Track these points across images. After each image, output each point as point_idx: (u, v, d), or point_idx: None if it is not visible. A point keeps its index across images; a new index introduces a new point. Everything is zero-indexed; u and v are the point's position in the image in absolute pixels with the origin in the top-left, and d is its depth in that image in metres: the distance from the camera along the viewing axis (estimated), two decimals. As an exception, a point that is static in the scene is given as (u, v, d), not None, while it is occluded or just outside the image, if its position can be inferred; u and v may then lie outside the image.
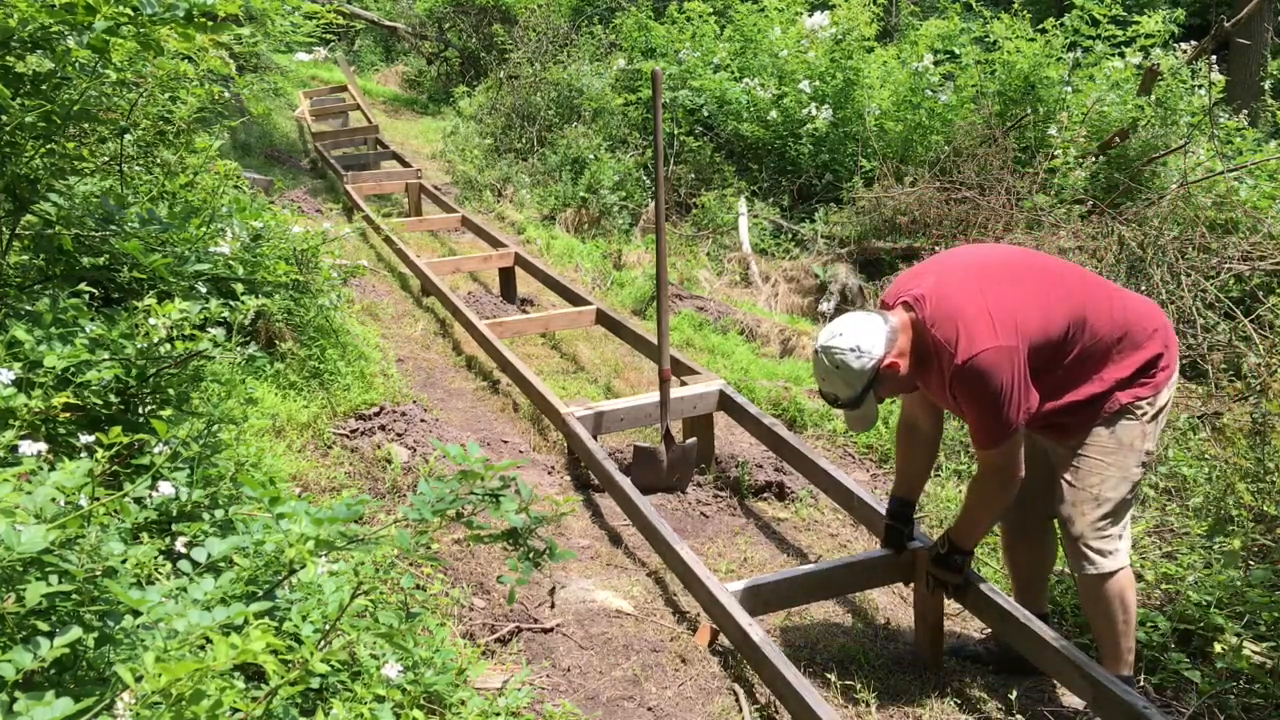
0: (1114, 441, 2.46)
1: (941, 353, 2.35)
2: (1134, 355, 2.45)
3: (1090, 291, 2.46)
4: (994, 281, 2.40)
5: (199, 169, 3.68)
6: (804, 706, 2.31)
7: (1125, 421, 2.46)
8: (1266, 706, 2.55)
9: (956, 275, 2.45)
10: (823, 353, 2.41)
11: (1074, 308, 2.39)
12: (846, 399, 2.41)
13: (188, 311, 1.93)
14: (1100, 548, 2.47)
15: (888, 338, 2.36)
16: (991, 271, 2.44)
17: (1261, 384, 3.82)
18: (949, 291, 2.39)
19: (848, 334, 2.37)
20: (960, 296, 2.36)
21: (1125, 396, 2.45)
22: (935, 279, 2.45)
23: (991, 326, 2.29)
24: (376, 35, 16.21)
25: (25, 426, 1.61)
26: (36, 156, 2.26)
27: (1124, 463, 2.46)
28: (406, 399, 4.25)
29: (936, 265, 2.55)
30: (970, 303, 2.34)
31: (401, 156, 9.56)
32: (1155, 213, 5.32)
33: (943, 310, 2.35)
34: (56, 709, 1.10)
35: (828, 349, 2.39)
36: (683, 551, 2.94)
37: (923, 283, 2.44)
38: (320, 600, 1.64)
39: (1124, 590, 2.50)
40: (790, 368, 5.34)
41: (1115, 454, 2.46)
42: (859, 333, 2.37)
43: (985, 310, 2.32)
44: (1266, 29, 10.50)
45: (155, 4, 1.88)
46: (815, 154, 8.22)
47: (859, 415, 2.46)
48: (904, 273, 2.68)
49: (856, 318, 2.42)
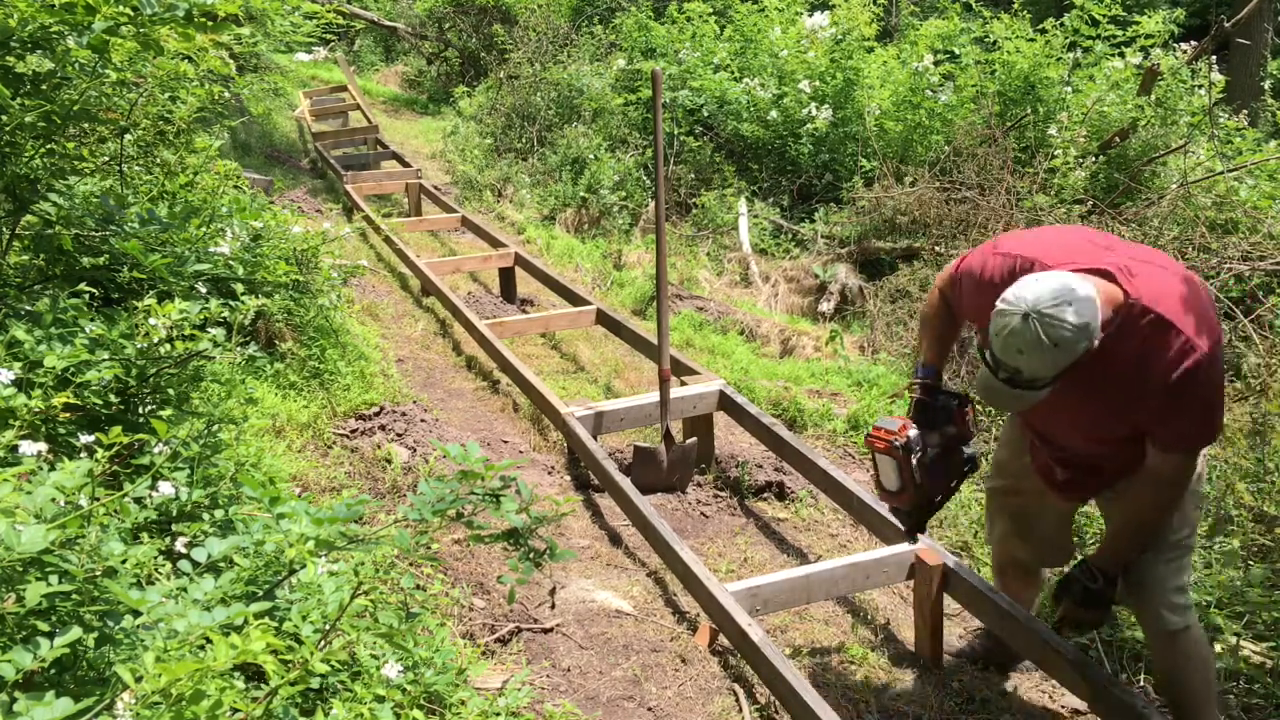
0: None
1: (1161, 339, 1.94)
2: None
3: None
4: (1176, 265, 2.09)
5: (199, 169, 3.68)
6: (804, 706, 2.31)
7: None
8: (1266, 706, 2.56)
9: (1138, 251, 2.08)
10: (1039, 320, 1.85)
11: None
12: (1034, 380, 1.93)
13: (188, 311, 1.93)
14: (1174, 601, 2.23)
15: (1101, 315, 1.90)
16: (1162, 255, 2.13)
17: (1261, 384, 3.82)
18: (1149, 269, 2.00)
19: (1078, 306, 1.85)
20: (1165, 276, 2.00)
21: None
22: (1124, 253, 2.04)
23: (1211, 311, 1.99)
24: (376, 35, 16.20)
25: (25, 426, 1.61)
26: (36, 156, 2.26)
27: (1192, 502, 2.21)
28: (406, 399, 4.25)
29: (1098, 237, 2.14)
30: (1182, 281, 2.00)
31: (401, 156, 9.56)
32: (1155, 213, 5.32)
33: (1164, 290, 1.95)
34: (56, 709, 1.10)
35: (1050, 320, 1.84)
36: (683, 551, 2.94)
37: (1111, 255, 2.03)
38: (320, 600, 1.64)
39: (1200, 644, 2.26)
40: (790, 368, 5.34)
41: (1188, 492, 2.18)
42: (1088, 307, 1.86)
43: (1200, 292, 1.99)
44: (1266, 29, 10.50)
45: (155, 4, 1.88)
46: (815, 154, 8.22)
47: (1025, 397, 1.98)
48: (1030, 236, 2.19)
49: (1079, 284, 1.88)
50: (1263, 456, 3.30)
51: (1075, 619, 2.31)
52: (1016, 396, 1.98)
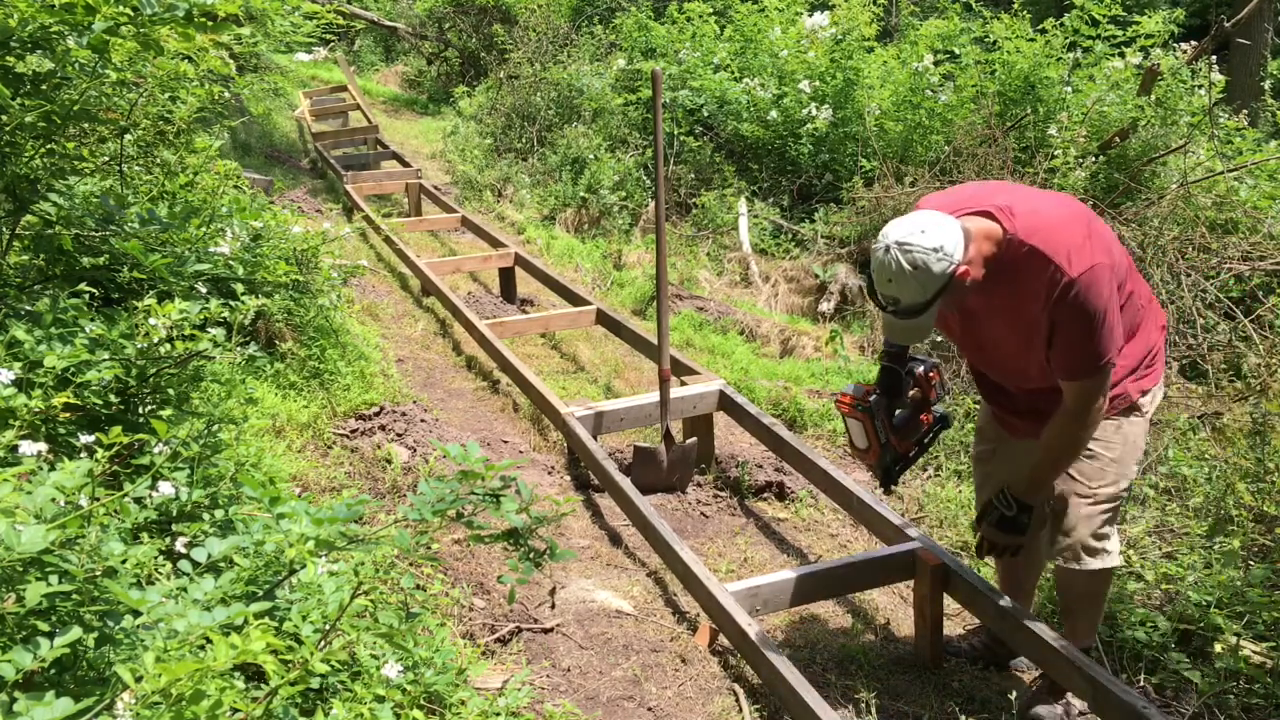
0: (1120, 437, 2.42)
1: (1038, 267, 2.14)
2: (1143, 338, 2.40)
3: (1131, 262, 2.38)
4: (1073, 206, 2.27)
5: (199, 169, 3.68)
6: (804, 707, 2.31)
7: (1134, 418, 2.43)
8: (1266, 706, 2.56)
9: (1036, 196, 2.27)
10: (898, 250, 2.10)
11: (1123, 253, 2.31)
12: (911, 304, 2.14)
13: (188, 311, 1.93)
14: (1095, 546, 2.46)
15: (965, 241, 2.13)
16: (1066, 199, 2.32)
17: (1261, 384, 3.83)
18: (1039, 207, 2.20)
19: (930, 231, 2.09)
20: (1053, 213, 2.20)
21: (1134, 390, 2.40)
22: (1013, 196, 2.24)
23: (1091, 244, 2.15)
24: (376, 35, 16.20)
25: (25, 426, 1.61)
26: (36, 156, 2.26)
27: (1125, 460, 2.43)
28: (406, 399, 4.25)
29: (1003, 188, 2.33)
30: (1065, 218, 2.18)
31: (401, 156, 9.57)
32: (1155, 213, 5.32)
33: (1041, 224, 2.16)
34: (56, 709, 1.10)
35: (905, 246, 2.09)
36: (683, 552, 2.94)
37: (998, 198, 2.23)
38: (320, 600, 1.64)
39: (1104, 586, 2.54)
40: (790, 367, 5.34)
41: (1119, 450, 2.42)
42: (941, 231, 2.10)
43: (1080, 228, 2.16)
44: (1266, 29, 10.50)
45: (155, 4, 1.88)
46: (815, 154, 8.22)
47: (914, 325, 2.20)
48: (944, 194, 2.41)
49: (934, 217, 2.14)
50: (1263, 456, 3.30)
51: (994, 542, 2.50)
52: (906, 327, 2.21)
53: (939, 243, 2.08)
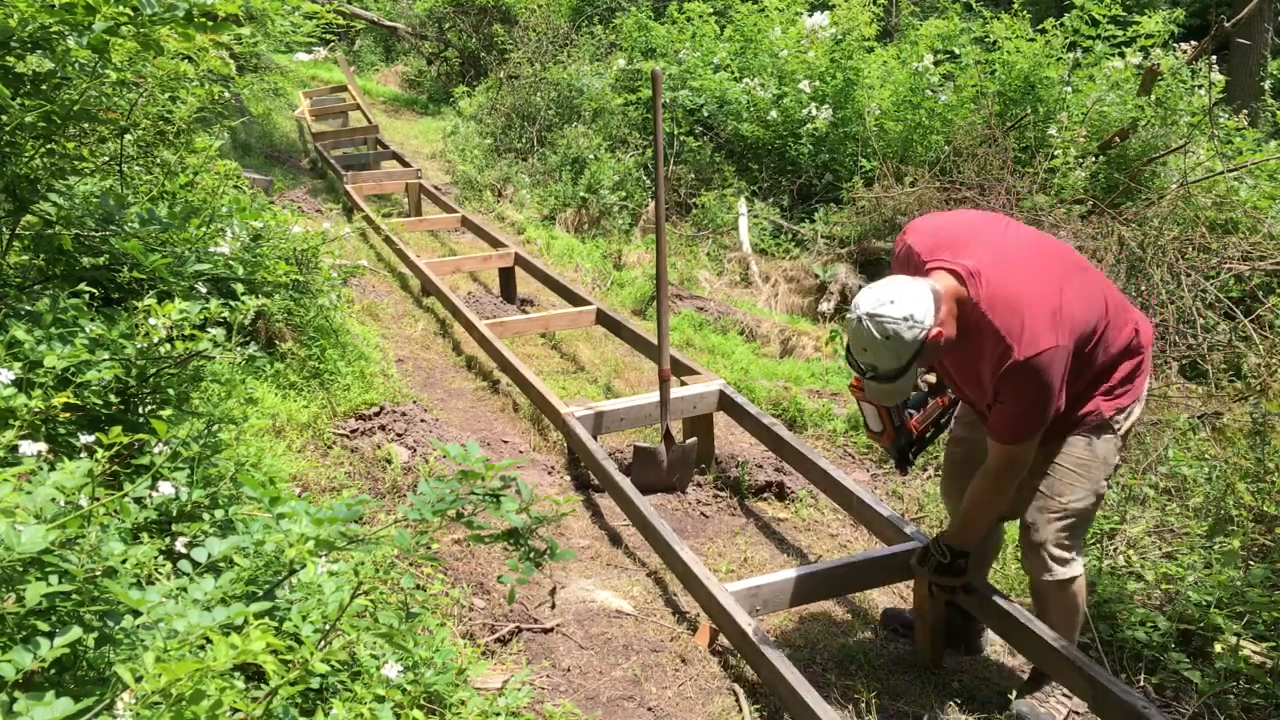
0: (1090, 454, 2.44)
1: (992, 339, 2.21)
2: (1126, 361, 2.44)
3: (1110, 293, 2.42)
4: (1050, 268, 2.28)
5: (199, 169, 3.68)
6: (804, 707, 2.31)
7: (1105, 436, 2.45)
8: (1266, 706, 2.56)
9: (1014, 254, 2.28)
10: (870, 321, 2.17)
11: (1100, 306, 2.34)
12: (888, 371, 2.22)
13: (188, 311, 1.93)
14: (1061, 556, 2.48)
15: (935, 305, 2.18)
16: (1047, 255, 2.32)
17: (1261, 384, 3.83)
18: (1009, 275, 2.23)
19: (899, 301, 2.15)
20: (1022, 283, 2.22)
21: (1108, 408, 2.43)
22: (990, 254, 2.27)
23: (1053, 324, 2.18)
24: (376, 35, 16.20)
25: (25, 426, 1.61)
26: (36, 156, 2.26)
27: (1095, 476, 2.45)
28: (406, 399, 4.25)
29: (985, 236, 2.34)
30: (1033, 292, 2.21)
31: (401, 156, 9.56)
32: (1155, 213, 5.32)
33: (1003, 296, 2.20)
34: (56, 709, 1.10)
35: (876, 318, 2.16)
36: (683, 551, 2.94)
37: (974, 254, 2.26)
38: (320, 600, 1.64)
39: (1077, 596, 2.54)
40: (790, 368, 5.34)
41: (1089, 467, 2.44)
42: (910, 300, 2.15)
43: (1048, 304, 2.20)
44: (1266, 29, 10.50)
45: (155, 4, 1.88)
46: (815, 154, 8.22)
47: (893, 388, 2.27)
48: (933, 223, 2.46)
49: (901, 283, 2.20)
50: (1263, 456, 3.30)
51: (938, 585, 2.70)
52: (885, 390, 2.29)
53: (909, 311, 2.15)
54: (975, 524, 2.56)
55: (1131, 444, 3.90)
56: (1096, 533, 3.36)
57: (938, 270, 2.27)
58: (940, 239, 2.35)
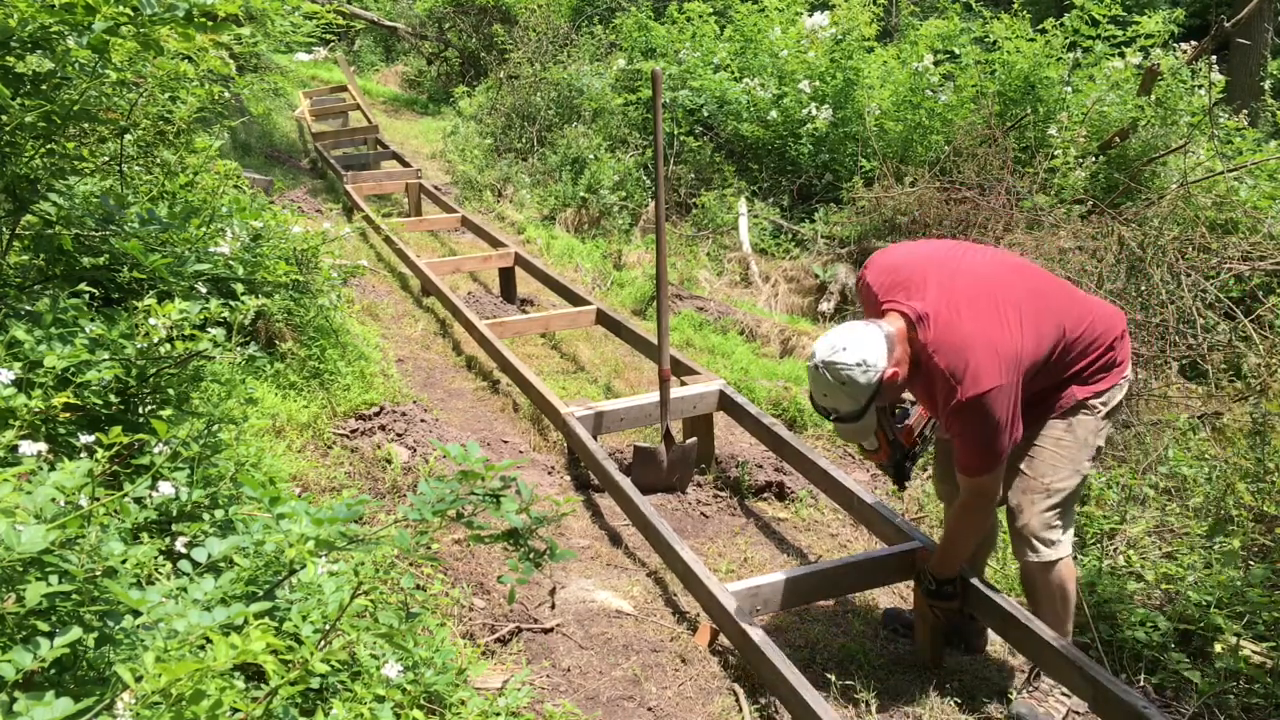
0: (1069, 435, 2.51)
1: (940, 380, 2.31)
2: (1094, 356, 2.50)
3: (1070, 303, 2.49)
4: (998, 306, 2.34)
5: (199, 169, 3.68)
6: (804, 707, 2.31)
7: (1082, 416, 2.51)
8: (1266, 706, 2.56)
9: (963, 295, 2.35)
10: (825, 369, 2.31)
11: (1058, 324, 2.42)
12: (848, 413, 2.36)
13: (188, 311, 1.93)
14: (1046, 537, 2.53)
15: (888, 348, 2.31)
16: (996, 292, 2.37)
17: (1261, 384, 3.83)
18: (956, 317, 2.32)
19: (851, 348, 2.29)
20: (968, 324, 2.31)
21: (1083, 392, 2.50)
22: (940, 295, 2.35)
23: (997, 364, 2.26)
24: (376, 35, 16.20)
25: (25, 426, 1.61)
26: (36, 156, 2.26)
27: (1077, 456, 2.51)
28: (406, 399, 4.25)
29: (938, 275, 2.42)
30: (978, 333, 2.29)
31: (401, 156, 9.56)
32: (1155, 213, 5.32)
33: (950, 340, 2.30)
34: (56, 709, 1.10)
35: (831, 364, 2.30)
36: (683, 551, 2.94)
37: (925, 297, 2.36)
38: (320, 600, 1.64)
39: (1065, 580, 2.57)
40: (790, 368, 5.34)
41: (1070, 448, 2.50)
42: (861, 345, 2.29)
43: (992, 344, 2.28)
44: (1266, 29, 10.49)
45: (155, 4, 1.88)
46: (815, 154, 8.22)
47: (856, 428, 2.42)
48: (891, 259, 2.53)
49: (854, 329, 2.33)
50: (1263, 456, 3.30)
51: (935, 607, 2.77)
52: (849, 430, 2.44)
53: (861, 357, 2.27)
54: (955, 554, 2.65)
55: (1131, 444, 3.90)
56: (1096, 533, 3.36)
57: (891, 311, 2.40)
58: (897, 277, 2.45)
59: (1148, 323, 4.49)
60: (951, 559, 2.66)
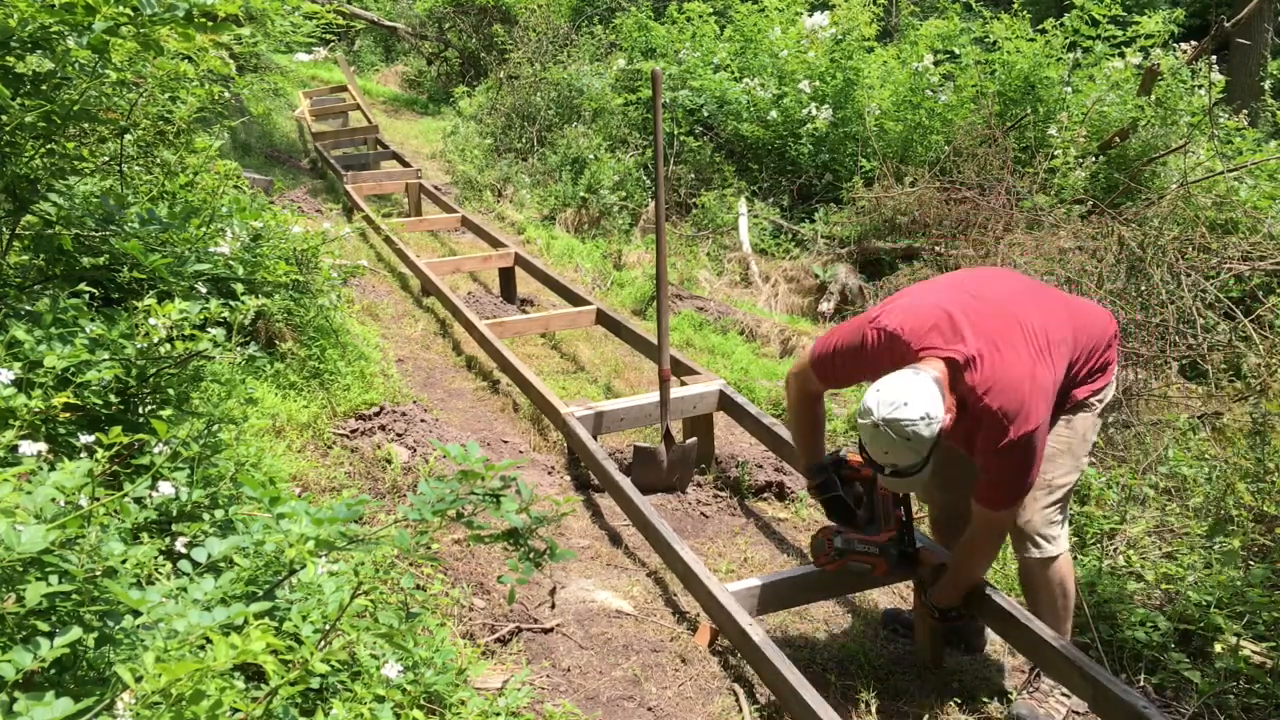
0: (1069, 432, 2.54)
1: (990, 420, 2.27)
2: (1094, 361, 2.55)
3: (1071, 315, 2.52)
4: (1027, 336, 2.34)
5: (199, 169, 3.68)
6: (804, 706, 2.31)
7: (1082, 414, 2.55)
8: (1266, 706, 2.56)
9: (997, 332, 2.33)
10: (887, 426, 2.20)
11: (1072, 341, 2.46)
12: (908, 466, 2.28)
13: (188, 311, 1.93)
14: (1047, 534, 2.54)
15: (941, 394, 2.23)
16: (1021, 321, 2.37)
17: (1261, 384, 3.82)
18: (999, 356, 2.30)
19: (913, 402, 2.18)
20: (1011, 361, 2.29)
21: (1082, 392, 2.53)
22: (977, 335, 2.31)
23: (1041, 398, 2.28)
24: (376, 35, 16.20)
25: (25, 426, 1.61)
26: (36, 156, 2.26)
27: (1077, 452, 2.54)
28: (406, 399, 4.25)
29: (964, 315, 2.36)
30: (1022, 369, 2.29)
31: (401, 156, 9.56)
32: (1155, 213, 5.32)
33: (1000, 380, 2.27)
34: (56, 709, 1.10)
35: (894, 421, 2.19)
36: (683, 551, 2.94)
37: (965, 338, 2.31)
38: (320, 600, 1.64)
39: (1064, 576, 2.59)
40: (790, 367, 5.33)
41: (1070, 444, 2.53)
42: (922, 398, 2.19)
43: (1035, 379, 2.29)
44: (1266, 29, 10.49)
45: (155, 4, 1.88)
46: (815, 154, 8.22)
47: (913, 480, 2.36)
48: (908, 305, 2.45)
49: (907, 382, 2.23)
50: (1263, 456, 3.30)
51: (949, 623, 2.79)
52: (907, 482, 2.37)
53: (924, 411, 2.19)
54: (963, 584, 2.66)
55: (1131, 444, 3.90)
56: (1096, 533, 3.36)
57: (931, 358, 2.31)
58: (923, 322, 2.37)
59: (1148, 323, 4.49)
60: (958, 590, 2.67)
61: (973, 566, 2.62)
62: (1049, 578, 2.57)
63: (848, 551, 2.66)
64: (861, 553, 2.67)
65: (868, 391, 2.27)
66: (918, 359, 2.32)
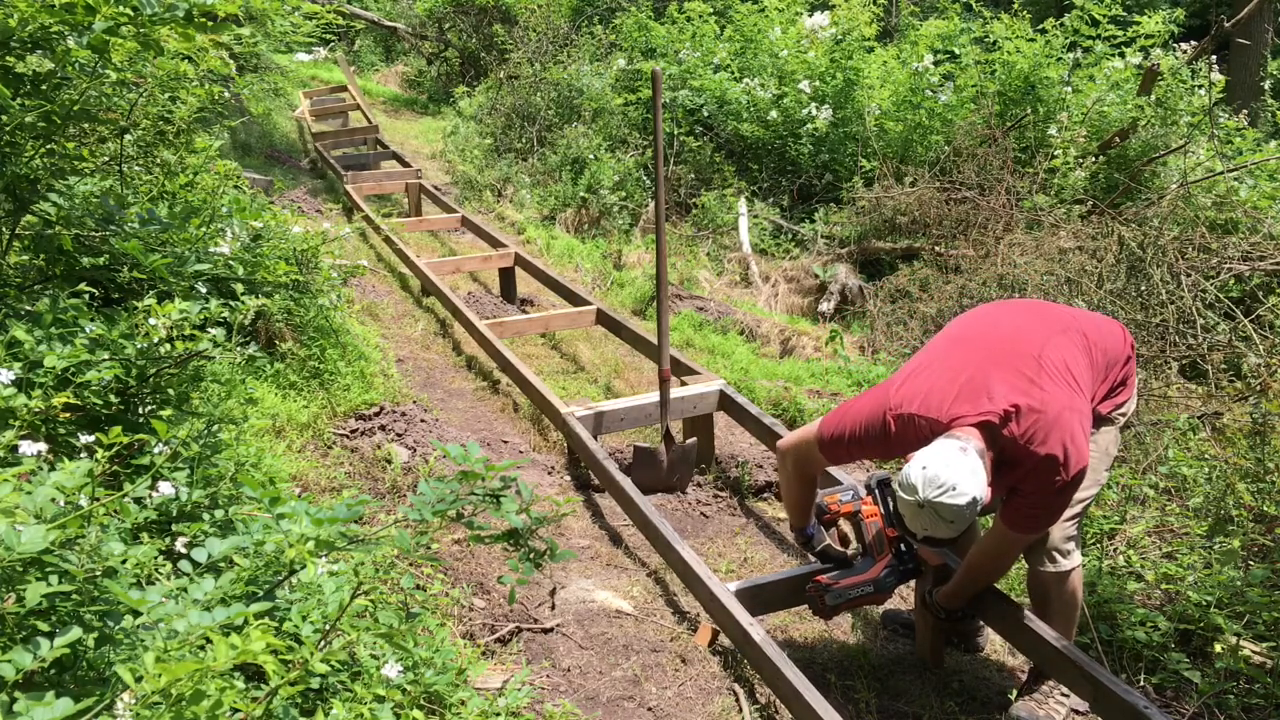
0: (1092, 447, 2.48)
1: (1042, 465, 2.23)
2: (1109, 374, 2.54)
3: (1086, 335, 2.49)
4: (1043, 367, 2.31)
5: (199, 169, 3.68)
6: (804, 706, 2.31)
7: (1105, 429, 2.54)
8: (1266, 706, 2.56)
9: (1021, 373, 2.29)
10: (934, 508, 2.16)
11: (1089, 361, 2.44)
12: (945, 538, 2.26)
13: (188, 311, 1.93)
14: (1065, 548, 2.54)
15: (984, 468, 2.18)
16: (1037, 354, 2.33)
17: (1261, 384, 3.82)
18: (1042, 399, 2.24)
19: (961, 486, 2.12)
20: (1055, 403, 2.24)
21: (1106, 407, 2.53)
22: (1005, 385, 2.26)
23: (1084, 431, 2.26)
24: (376, 35, 16.20)
25: (25, 426, 1.61)
26: (36, 156, 2.26)
27: (1098, 467, 2.52)
28: (406, 399, 4.25)
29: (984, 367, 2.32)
30: (1065, 408, 2.24)
31: (401, 156, 9.56)
32: (1155, 213, 5.32)
33: (1044, 424, 2.22)
34: (56, 709, 1.10)
35: (941, 505, 2.15)
36: (683, 551, 2.94)
37: (993, 394, 2.25)
38: (320, 600, 1.64)
39: (1076, 588, 2.60)
40: (790, 368, 5.34)
41: (1095, 461, 2.50)
42: (969, 482, 2.13)
43: (1075, 410, 2.26)
44: (1266, 29, 10.49)
45: (155, 4, 1.88)
46: (815, 154, 8.22)
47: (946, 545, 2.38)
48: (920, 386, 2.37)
49: (955, 461, 2.15)
50: (1263, 456, 3.30)
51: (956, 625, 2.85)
52: (942, 550, 2.47)
53: (972, 496, 2.13)
54: (971, 590, 2.67)
55: (1131, 444, 3.90)
56: (1096, 533, 3.36)
57: (965, 427, 2.24)
58: (943, 392, 2.31)
59: (1148, 323, 4.49)
60: (965, 596, 2.68)
61: (988, 577, 2.64)
62: (1063, 591, 2.57)
63: (842, 604, 2.67)
64: (856, 598, 2.65)
65: (912, 465, 2.20)
66: (948, 430, 2.25)
